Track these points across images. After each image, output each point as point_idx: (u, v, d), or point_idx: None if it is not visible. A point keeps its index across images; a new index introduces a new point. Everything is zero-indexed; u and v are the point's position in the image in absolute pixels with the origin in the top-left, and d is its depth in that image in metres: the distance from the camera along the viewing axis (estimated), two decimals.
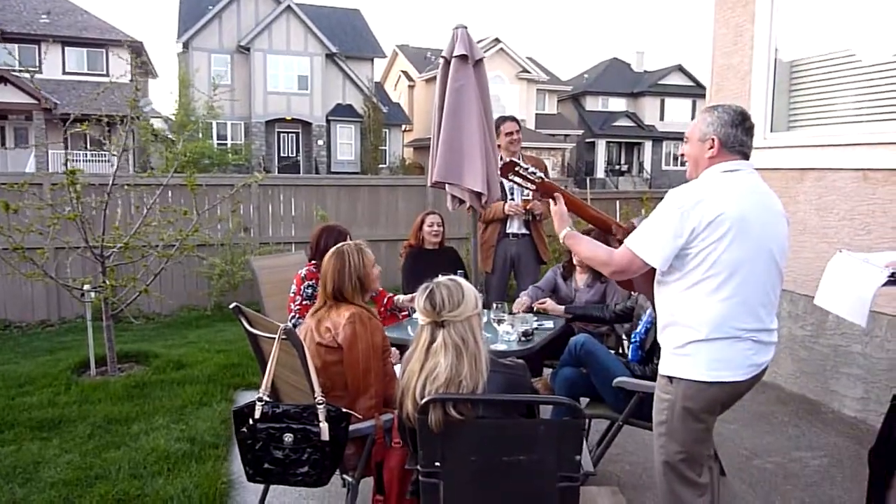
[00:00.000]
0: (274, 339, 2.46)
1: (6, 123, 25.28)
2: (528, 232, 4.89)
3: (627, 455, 3.65)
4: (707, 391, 2.23)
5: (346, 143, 29.83)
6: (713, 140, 2.29)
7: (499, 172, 2.56)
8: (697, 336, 2.20)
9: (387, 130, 30.67)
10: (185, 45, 28.63)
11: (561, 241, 2.49)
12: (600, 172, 37.29)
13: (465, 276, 4.08)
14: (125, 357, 5.38)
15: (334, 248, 2.80)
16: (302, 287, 3.71)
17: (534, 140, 30.53)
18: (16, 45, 25.10)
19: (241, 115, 28.85)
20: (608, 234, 2.55)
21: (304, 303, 3.68)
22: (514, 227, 4.88)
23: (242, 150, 27.45)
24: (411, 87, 35.45)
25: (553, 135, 34.28)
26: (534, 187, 2.55)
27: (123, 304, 5.02)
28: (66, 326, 7.44)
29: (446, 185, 3.53)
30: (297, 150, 29.73)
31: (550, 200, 2.54)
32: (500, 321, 3.22)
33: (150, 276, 5.15)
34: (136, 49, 27.35)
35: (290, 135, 29.56)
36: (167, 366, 5.14)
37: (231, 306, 2.71)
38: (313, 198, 9.06)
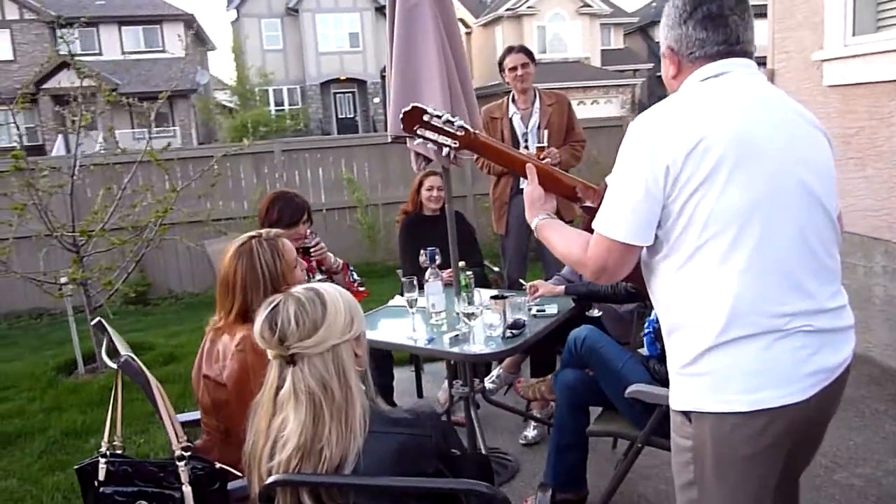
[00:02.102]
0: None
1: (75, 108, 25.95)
2: None
3: (663, 469, 2.84)
4: (749, 427, 1.36)
5: None
6: (668, 51, 1.50)
7: (401, 126, 1.75)
8: (711, 339, 1.36)
9: None
10: (238, 13, 28.39)
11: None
12: None
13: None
14: None
15: (238, 243, 2.05)
16: None
17: (600, 78, 28.69)
18: (75, 30, 25.54)
19: (295, 79, 28.51)
20: (573, 201, 1.73)
21: None
22: None
23: (300, 114, 27.17)
24: (468, 34, 33.90)
25: (621, 71, 32.13)
26: (455, 144, 1.75)
27: (105, 296, 4.56)
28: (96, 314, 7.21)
29: (406, 140, 2.76)
30: (355, 110, 29.19)
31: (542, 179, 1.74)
32: (470, 315, 2.44)
33: (132, 263, 4.67)
34: (189, 22, 27.36)
35: (346, 95, 29.02)
36: (157, 360, 4.68)
37: (92, 323, 2.08)
38: (342, 160, 8.43)
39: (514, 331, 2.53)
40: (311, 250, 3.18)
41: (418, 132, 1.74)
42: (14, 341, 6.24)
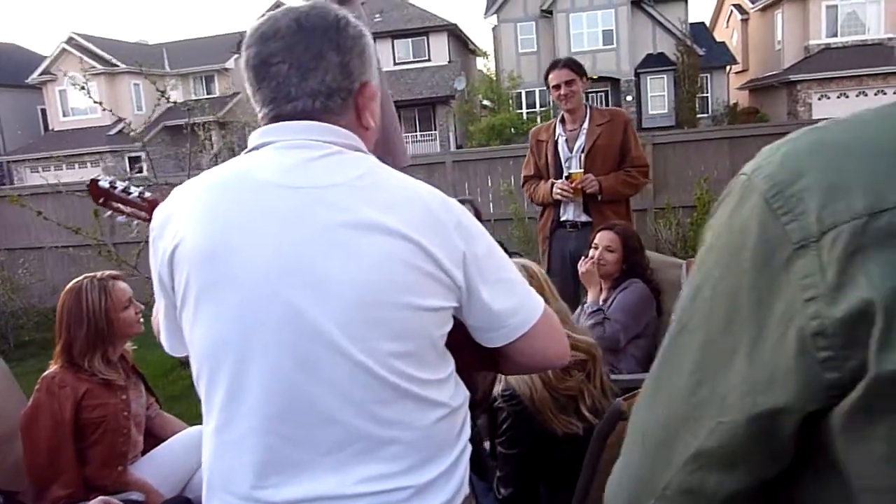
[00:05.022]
0: None
1: None
2: (588, 219, 3.55)
3: None
4: None
5: (657, 96, 27.47)
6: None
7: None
8: None
9: (707, 75, 27.27)
10: (498, 18, 29.60)
11: None
12: None
13: None
14: None
15: (73, 281, 2.13)
16: None
17: None
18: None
19: None
20: None
21: None
22: (570, 213, 3.60)
23: (550, 115, 27.38)
24: (744, 21, 30.74)
25: None
26: (144, 215, 1.65)
27: None
28: None
29: None
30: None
31: None
32: None
33: None
34: (452, 31, 29.26)
35: (597, 94, 28.33)
36: None
37: None
38: (510, 170, 8.37)
39: None
40: None
41: (109, 204, 1.69)
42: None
